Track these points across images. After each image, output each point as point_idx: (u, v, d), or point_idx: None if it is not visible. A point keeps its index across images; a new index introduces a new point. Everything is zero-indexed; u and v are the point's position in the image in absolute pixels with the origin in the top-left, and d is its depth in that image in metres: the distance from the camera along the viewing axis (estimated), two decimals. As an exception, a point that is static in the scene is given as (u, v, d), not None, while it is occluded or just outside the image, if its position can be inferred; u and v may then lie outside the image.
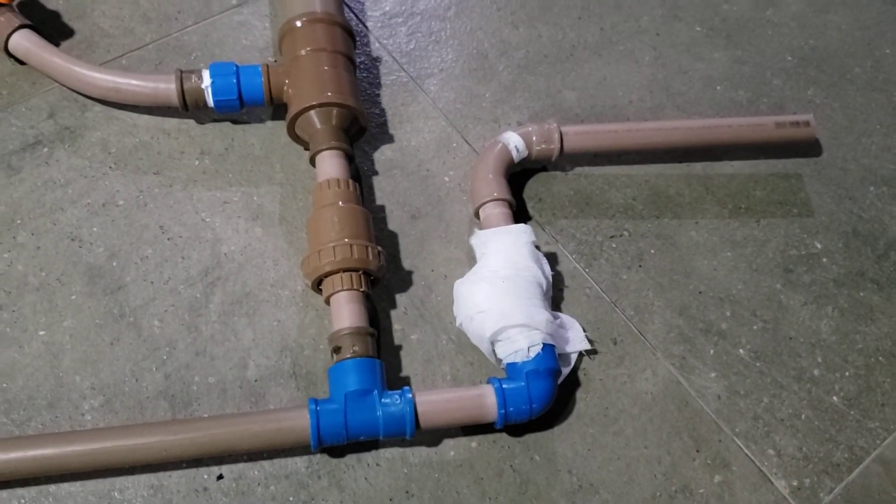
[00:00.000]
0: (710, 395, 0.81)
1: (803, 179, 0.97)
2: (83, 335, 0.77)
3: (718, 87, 1.04)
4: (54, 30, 0.95)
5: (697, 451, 0.78)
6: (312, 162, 0.86)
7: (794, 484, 0.77)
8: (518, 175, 0.92)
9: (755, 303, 0.87)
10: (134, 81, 0.87)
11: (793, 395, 0.82)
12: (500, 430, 0.76)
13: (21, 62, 0.91)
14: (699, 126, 0.93)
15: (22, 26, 0.89)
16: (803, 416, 0.81)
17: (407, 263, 0.85)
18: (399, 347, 0.81)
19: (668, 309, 0.86)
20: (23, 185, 0.85)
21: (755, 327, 0.86)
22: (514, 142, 0.87)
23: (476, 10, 1.06)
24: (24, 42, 0.88)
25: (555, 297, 0.84)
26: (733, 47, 1.08)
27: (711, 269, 0.89)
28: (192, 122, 0.91)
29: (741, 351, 0.84)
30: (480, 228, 0.84)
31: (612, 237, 0.90)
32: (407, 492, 0.73)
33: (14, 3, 0.89)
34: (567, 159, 0.93)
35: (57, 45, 0.92)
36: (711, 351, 0.84)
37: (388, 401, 0.71)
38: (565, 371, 0.79)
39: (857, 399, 0.83)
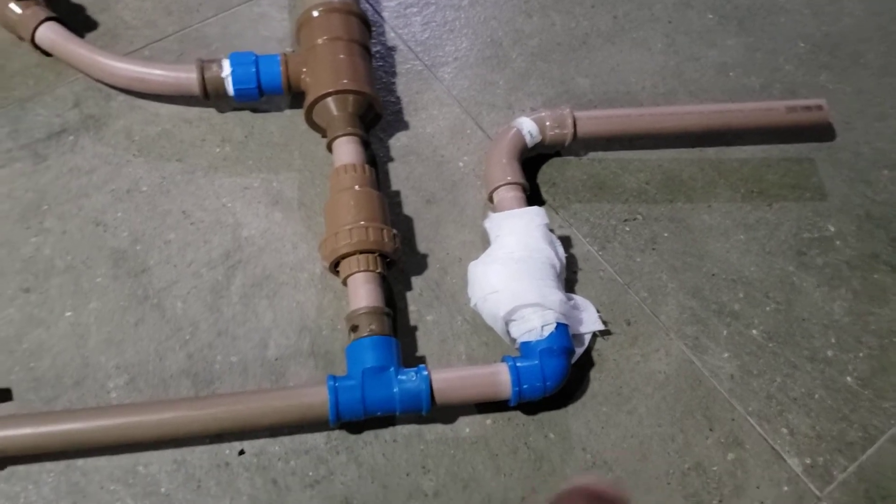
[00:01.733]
0: (723, 375, 0.82)
1: (816, 163, 0.98)
2: (108, 316, 0.79)
3: (731, 74, 1.05)
4: (79, 22, 0.97)
5: (710, 429, 0.79)
6: (329, 148, 0.88)
7: (808, 462, 0.78)
8: (532, 160, 0.94)
9: (768, 285, 0.88)
10: (156, 71, 0.89)
11: (806, 375, 0.83)
12: (514, 408, 0.77)
13: (47, 53, 0.93)
14: (711, 110, 0.94)
15: (48, 19, 0.91)
16: (816, 396, 0.82)
17: (422, 247, 0.87)
18: (415, 328, 0.82)
19: (682, 291, 0.87)
20: (49, 171, 0.87)
21: (768, 308, 0.86)
22: (527, 127, 0.89)
23: (490, -1, 1.07)
24: (50, 34, 0.91)
25: (569, 280, 0.86)
26: (745, 34, 1.09)
27: (724, 252, 0.90)
28: (212, 110, 0.93)
29: (754, 332, 0.85)
30: (494, 212, 0.85)
31: (625, 221, 0.91)
32: (423, 467, 0.75)
33: (40, -4, 0.92)
34: (580, 144, 0.94)
35: (82, 36, 0.94)
36: (724, 332, 0.85)
37: (404, 377, 0.73)
38: (579, 351, 0.80)
39: (870, 379, 0.83)
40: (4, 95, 0.91)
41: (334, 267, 0.81)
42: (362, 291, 0.77)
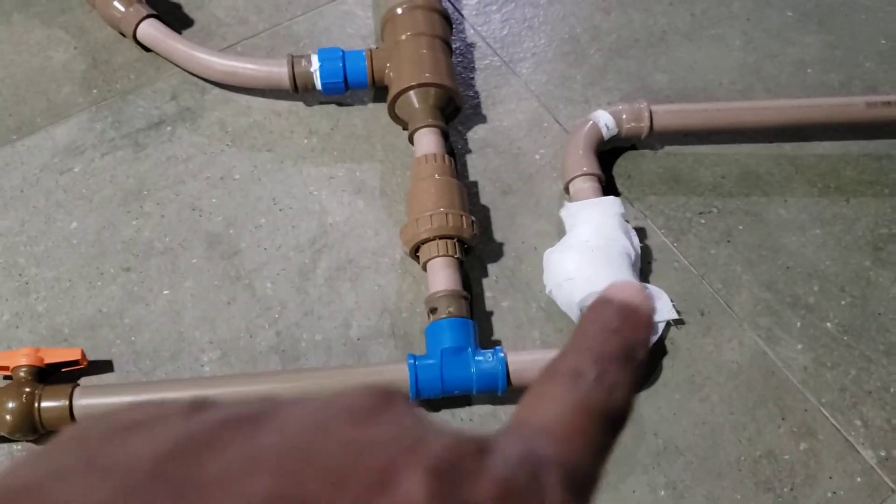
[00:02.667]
0: (796, 366, 0.82)
1: (895, 160, 0.97)
2: (202, 295, 0.84)
3: (809, 71, 1.05)
4: (176, 19, 1.03)
5: (783, 419, 0.80)
6: (411, 140, 0.91)
7: (882, 454, 0.78)
8: (608, 153, 0.95)
9: (843, 279, 0.88)
10: (249, 66, 0.94)
11: (881, 369, 0.82)
12: (587, 393, 0.79)
13: (147, 49, 0.99)
14: (789, 106, 0.94)
15: (149, 16, 0.97)
16: (892, 390, 0.81)
17: (498, 236, 0.90)
18: (490, 313, 0.85)
19: (756, 283, 0.87)
20: (148, 160, 0.93)
21: (843, 302, 0.86)
22: (604, 120, 0.91)
23: (568, -3, 1.10)
24: (151, 30, 0.97)
25: (643, 270, 0.87)
26: (825, 32, 1.09)
27: (800, 246, 0.90)
28: (300, 104, 0.98)
29: (829, 325, 0.85)
30: (570, 202, 0.88)
31: (700, 213, 0.92)
32: (498, 446, 0.77)
33: (142, -4, 0.98)
34: (657, 138, 0.96)
35: (179, 33, 0.99)
36: (798, 324, 0.85)
37: (481, 358, 0.76)
38: (652, 339, 0.82)
39: (949, 376, 0.83)
40: (108, 88, 0.98)
41: (414, 252, 0.84)
42: (441, 275, 0.80)
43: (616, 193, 0.93)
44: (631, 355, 0.21)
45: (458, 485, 0.16)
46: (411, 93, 0.90)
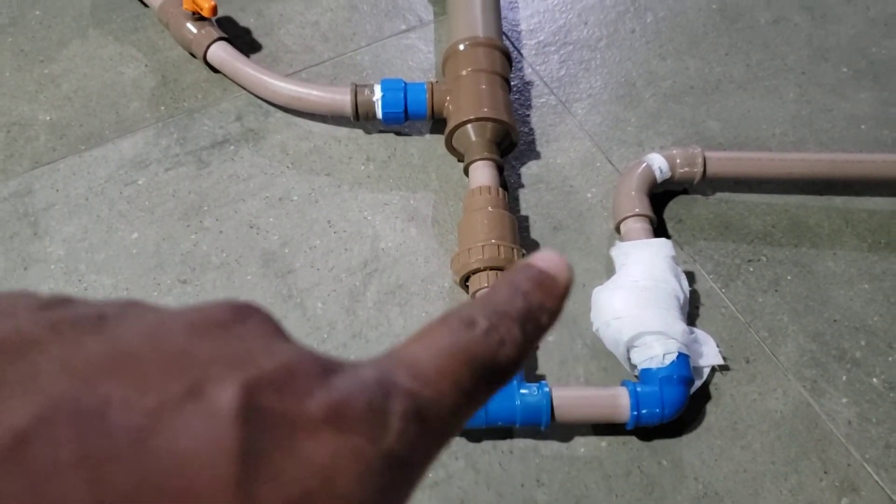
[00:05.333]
0: (840, 420, 0.82)
1: (949, 220, 0.97)
2: (255, 311, 0.86)
3: (863, 126, 1.05)
4: (245, 44, 1.07)
5: (825, 472, 0.79)
6: (466, 172, 0.93)
7: (926, 515, 0.77)
8: (659, 196, 0.96)
9: (891, 335, 0.88)
10: (314, 92, 0.97)
11: (928, 429, 0.82)
12: (629, 433, 0.80)
13: (215, 70, 1.02)
14: (842, 159, 0.94)
15: (219, 39, 1.01)
16: (938, 451, 0.81)
17: (548, 271, 0.91)
18: (536, 348, 0.86)
19: (802, 334, 0.88)
20: (210, 177, 0.96)
21: (890, 359, 0.86)
22: (657, 162, 0.92)
23: (626, 42, 1.11)
24: (221, 53, 1.00)
25: (690, 314, 0.88)
26: (880, 89, 1.09)
27: (848, 300, 0.90)
28: (360, 131, 1.00)
29: (875, 380, 0.85)
30: (621, 241, 0.89)
31: (749, 261, 0.92)
32: (538, 480, 0.78)
33: (214, 19, 1.02)
34: (708, 184, 0.97)
35: (247, 56, 1.03)
36: (844, 377, 0.85)
37: (526, 391, 0.77)
38: (697, 383, 0.82)
39: None
40: (176, 106, 1.01)
41: (464, 282, 0.85)
42: (490, 307, 0.81)
43: (667, 236, 0.94)
44: (532, 318, 0.21)
45: (279, 400, 0.16)
46: (469, 126, 0.92)
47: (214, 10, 0.97)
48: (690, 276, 0.90)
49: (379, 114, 0.95)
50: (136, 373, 0.15)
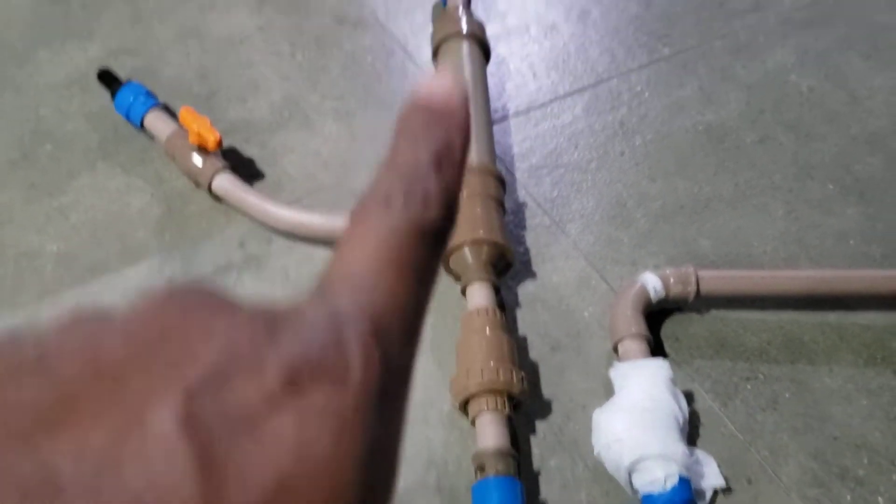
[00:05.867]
0: (849, 542, 0.81)
1: (942, 333, 0.98)
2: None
3: (851, 242, 1.08)
4: (249, 173, 1.10)
5: None
6: (463, 293, 0.95)
7: None
8: (655, 314, 0.98)
9: (893, 452, 0.87)
10: (315, 219, 0.99)
11: (938, 550, 0.81)
12: (634, 559, 0.78)
13: (220, 199, 1.06)
14: (832, 276, 0.96)
15: (223, 169, 1.04)
16: (950, 573, 0.79)
17: (546, 392, 0.91)
18: (537, 472, 0.85)
19: (803, 452, 0.87)
20: (213, 303, 0.97)
21: (894, 477, 0.85)
22: (652, 282, 0.94)
23: (616, 164, 1.15)
24: (225, 183, 1.04)
25: (690, 434, 0.87)
26: (866, 205, 1.12)
27: (847, 416, 0.90)
28: (359, 254, 1.03)
29: (880, 499, 0.84)
30: (619, 362, 0.89)
31: (747, 379, 0.93)
32: None
33: (219, 151, 1.06)
34: (703, 302, 0.98)
35: (251, 185, 1.06)
36: (848, 496, 0.84)
37: (528, 518, 0.76)
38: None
39: None
40: (181, 234, 1.04)
41: (463, 405, 0.86)
42: (490, 431, 0.82)
43: (664, 355, 0.94)
44: (445, 160, 0.19)
45: (223, 395, 0.14)
46: (465, 248, 0.94)
47: (219, 143, 1.01)
48: (689, 396, 0.90)
49: (378, 238, 0.98)
50: (77, 417, 0.14)
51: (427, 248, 0.18)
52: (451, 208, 0.19)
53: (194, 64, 1.23)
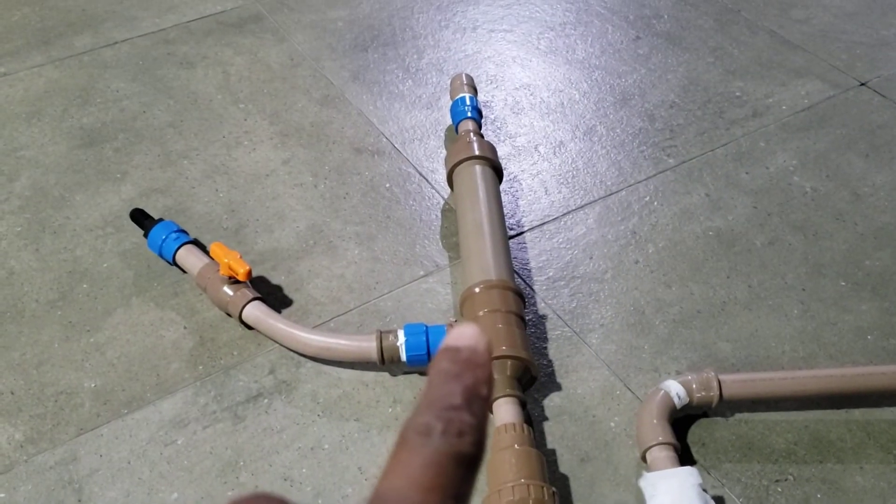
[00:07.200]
0: None
1: (970, 425, 0.98)
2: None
3: (869, 337, 1.09)
4: (277, 300, 1.15)
5: None
6: (490, 410, 0.97)
7: None
8: (681, 420, 0.99)
9: (935, 551, 0.87)
10: (342, 341, 1.03)
11: None
12: None
13: (250, 327, 1.09)
14: (853, 373, 0.98)
15: (254, 299, 1.09)
16: None
17: (579, 505, 0.92)
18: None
19: (842, 555, 0.87)
20: (246, 431, 1.00)
21: (938, 576, 0.85)
22: (675, 389, 0.95)
23: (631, 272, 1.19)
24: (255, 311, 1.08)
25: (725, 541, 0.87)
26: (880, 299, 1.14)
27: (883, 515, 0.90)
28: (386, 374, 1.05)
29: None
30: (648, 471, 0.90)
31: (777, 481, 0.93)
32: None
33: (248, 281, 1.10)
34: (727, 406, 0.99)
35: (279, 312, 1.10)
36: None
37: None
38: None
39: None
40: (213, 364, 1.07)
41: (497, 524, 0.86)
42: (525, 548, 0.82)
43: (692, 460, 0.95)
44: (474, 397, 0.22)
45: None
46: (490, 365, 0.96)
47: (249, 274, 1.06)
48: (720, 501, 0.91)
49: (403, 357, 1.01)
50: None
51: (463, 473, 0.21)
52: (482, 438, 0.22)
53: (223, 199, 1.29)
